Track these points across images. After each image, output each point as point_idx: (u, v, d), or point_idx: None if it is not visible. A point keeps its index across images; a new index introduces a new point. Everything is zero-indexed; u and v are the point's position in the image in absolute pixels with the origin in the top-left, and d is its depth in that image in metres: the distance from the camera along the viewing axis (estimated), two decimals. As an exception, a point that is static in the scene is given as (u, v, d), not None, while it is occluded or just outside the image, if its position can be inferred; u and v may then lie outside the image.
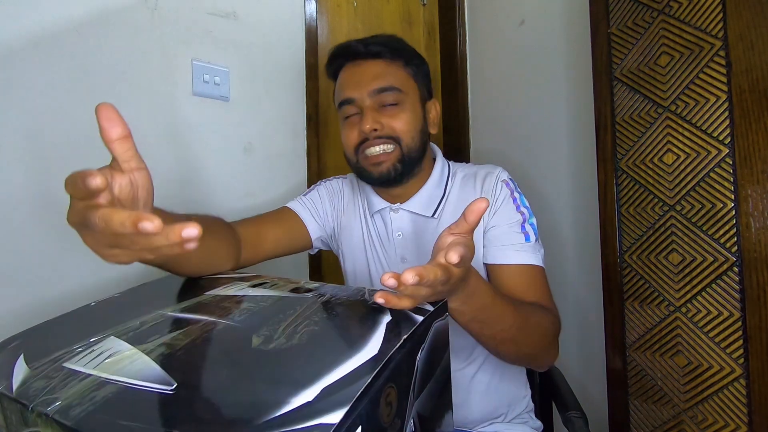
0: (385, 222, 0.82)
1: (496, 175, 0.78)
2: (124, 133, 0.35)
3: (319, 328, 0.38)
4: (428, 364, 0.38)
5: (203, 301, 0.46)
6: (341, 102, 0.76)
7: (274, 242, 0.78)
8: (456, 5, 1.65)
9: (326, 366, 0.31)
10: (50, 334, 0.43)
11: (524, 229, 0.72)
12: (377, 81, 0.73)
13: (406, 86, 0.75)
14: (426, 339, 0.38)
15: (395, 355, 0.32)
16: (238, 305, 0.44)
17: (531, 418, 0.81)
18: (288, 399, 0.28)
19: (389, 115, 0.73)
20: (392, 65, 0.75)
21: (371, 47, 0.74)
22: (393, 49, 0.75)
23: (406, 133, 0.74)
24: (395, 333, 0.35)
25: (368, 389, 0.28)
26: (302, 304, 0.43)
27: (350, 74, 0.76)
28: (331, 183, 0.91)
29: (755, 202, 0.80)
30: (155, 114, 0.96)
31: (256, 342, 0.36)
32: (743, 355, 0.81)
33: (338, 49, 0.78)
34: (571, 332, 1.29)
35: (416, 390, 0.35)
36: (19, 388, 0.33)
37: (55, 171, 0.83)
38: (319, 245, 0.89)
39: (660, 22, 0.93)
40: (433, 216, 0.78)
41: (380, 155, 0.73)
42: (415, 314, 0.39)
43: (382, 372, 0.30)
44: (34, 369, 0.35)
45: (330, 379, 0.29)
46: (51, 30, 0.83)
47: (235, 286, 0.51)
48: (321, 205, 0.87)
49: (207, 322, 0.40)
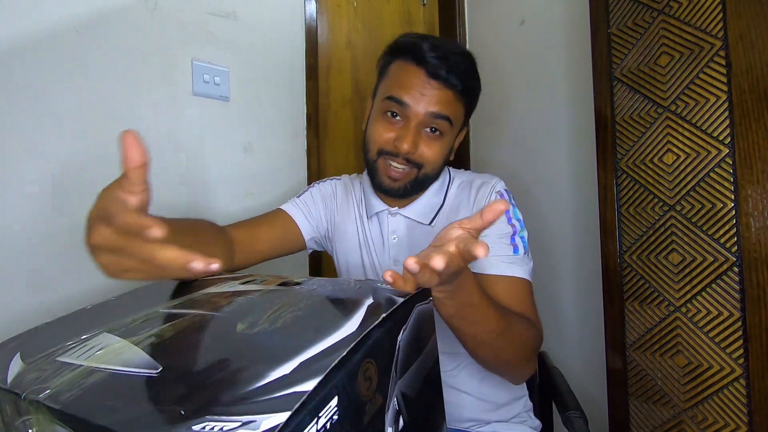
0: (381, 224, 0.82)
1: (491, 185, 0.77)
2: (143, 161, 0.38)
3: (303, 313, 0.39)
4: (411, 345, 0.39)
5: (194, 298, 0.48)
6: (393, 97, 0.72)
7: (268, 243, 0.79)
8: (456, 5, 1.65)
9: (305, 343, 0.32)
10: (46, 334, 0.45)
11: (514, 241, 0.71)
12: (439, 107, 0.71)
13: (457, 120, 0.74)
14: (408, 320, 0.39)
15: (374, 332, 0.33)
16: (227, 299, 0.46)
17: (530, 417, 0.81)
18: (266, 373, 0.29)
19: (427, 142, 0.73)
20: (458, 99, 0.73)
21: (452, 78, 0.70)
22: (466, 85, 0.72)
23: (431, 163, 0.74)
24: (375, 312, 0.37)
25: (344, 361, 0.29)
26: (288, 294, 0.45)
27: (418, 83, 0.71)
28: (324, 185, 0.92)
29: (755, 202, 0.80)
30: (155, 114, 0.97)
31: (241, 327, 0.37)
32: (743, 355, 0.81)
33: (418, 52, 0.71)
34: (571, 332, 1.29)
35: (399, 369, 0.36)
36: (13, 380, 0.35)
37: (55, 171, 0.83)
38: (312, 246, 0.90)
39: (660, 22, 0.93)
40: (430, 224, 0.78)
41: (399, 172, 0.73)
42: (396, 296, 0.40)
43: (360, 347, 0.31)
44: (28, 364, 0.37)
45: (308, 354, 0.31)
46: (51, 30, 0.83)
47: (226, 284, 0.53)
48: (314, 207, 0.88)
49: (196, 314, 0.42)
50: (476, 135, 1.64)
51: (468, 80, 0.73)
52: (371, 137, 0.75)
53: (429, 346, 0.42)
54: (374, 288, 0.43)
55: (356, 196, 0.87)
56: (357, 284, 0.45)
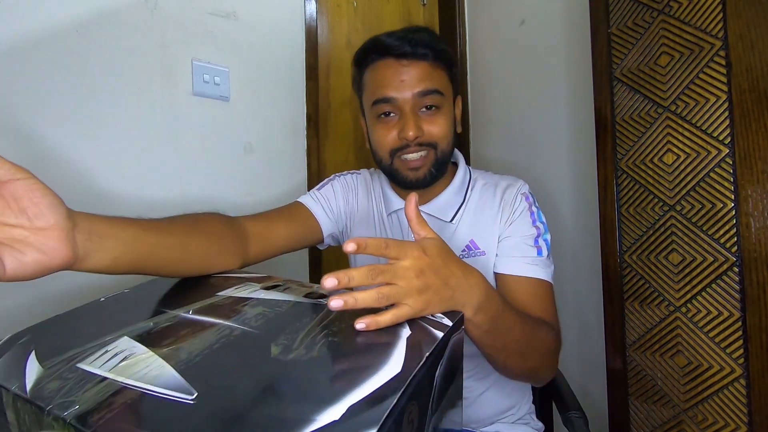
0: (401, 222, 0.80)
1: (517, 187, 0.77)
2: None
3: (339, 339, 0.38)
4: (445, 378, 0.38)
5: (216, 303, 0.46)
6: (378, 100, 0.72)
7: (287, 238, 0.76)
8: (456, 5, 1.65)
9: (350, 383, 0.31)
10: (61, 330, 0.42)
11: (537, 243, 0.72)
12: (422, 83, 0.70)
13: (446, 89, 0.73)
14: (444, 354, 0.38)
15: (418, 373, 0.33)
16: (253, 309, 0.44)
17: (532, 419, 0.81)
18: (314, 417, 0.28)
19: (429, 120, 0.72)
20: (435, 68, 0.72)
21: (419, 49, 0.70)
22: (437, 51, 0.72)
23: (443, 138, 0.73)
24: (417, 349, 0.35)
25: (394, 409, 0.29)
26: (317, 311, 0.43)
27: (393, 73, 0.71)
28: (345, 178, 0.89)
29: (755, 202, 0.80)
30: (155, 114, 0.96)
31: (275, 351, 0.36)
32: (743, 355, 0.81)
33: (378, 45, 0.73)
34: (571, 332, 1.29)
35: (434, 405, 0.36)
36: (33, 388, 0.33)
37: (55, 171, 0.83)
38: (329, 241, 0.87)
39: (660, 22, 0.93)
40: (451, 221, 0.77)
41: (417, 160, 0.72)
42: (434, 329, 0.39)
43: (407, 391, 0.30)
44: (47, 369, 0.35)
45: (355, 396, 0.29)
46: (51, 30, 0.83)
47: (247, 288, 0.51)
48: (334, 201, 0.85)
49: (222, 326, 0.40)
50: (476, 135, 1.64)
51: (435, 46, 0.72)
52: (377, 145, 0.75)
53: (458, 373, 0.41)
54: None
55: (375, 192, 0.85)
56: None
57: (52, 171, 0.82)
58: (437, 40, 0.74)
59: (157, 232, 0.51)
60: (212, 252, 0.59)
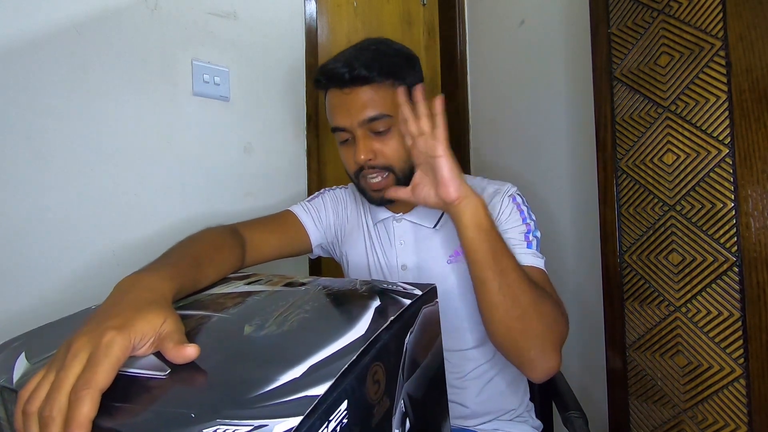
0: (387, 230, 0.83)
1: (504, 190, 0.78)
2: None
3: (310, 315, 0.39)
4: (418, 347, 0.39)
5: (200, 299, 0.48)
6: (333, 128, 0.75)
7: (278, 247, 0.80)
8: (456, 5, 1.65)
9: (314, 346, 0.32)
10: (51, 334, 0.44)
11: (528, 238, 0.72)
12: (366, 110, 0.70)
13: (391, 108, 0.71)
14: (415, 323, 0.39)
15: (382, 335, 0.34)
16: (234, 300, 0.45)
17: (531, 418, 0.81)
18: (276, 376, 0.29)
19: (381, 141, 0.72)
20: (380, 89, 0.71)
21: (357, 72, 0.69)
22: (380, 70, 0.70)
23: (398, 159, 0.73)
24: (383, 315, 0.37)
25: (354, 365, 0.30)
26: (295, 295, 0.45)
27: (338, 102, 0.72)
28: (335, 192, 0.92)
29: (755, 202, 0.81)
30: (155, 114, 0.96)
31: (248, 330, 0.37)
32: (743, 355, 0.81)
33: (322, 73, 0.73)
34: (571, 332, 1.28)
35: (406, 372, 0.36)
36: (19, 380, 0.34)
37: (55, 171, 0.82)
38: (319, 252, 0.91)
39: (660, 22, 0.93)
40: (434, 227, 0.79)
41: (380, 182, 0.74)
42: (403, 298, 0.40)
43: (369, 350, 0.31)
44: (33, 364, 0.37)
45: (317, 357, 0.31)
46: (51, 30, 0.83)
47: (231, 285, 0.53)
48: (324, 213, 0.88)
49: (199, 315, 0.42)
50: (476, 135, 1.64)
51: (378, 63, 0.70)
52: (345, 166, 0.78)
53: (435, 347, 0.42)
54: (381, 289, 0.43)
55: (363, 204, 0.88)
56: (363, 285, 0.45)
57: (52, 171, 0.82)
58: (382, 56, 0.72)
59: (194, 271, 0.52)
60: (225, 269, 0.62)
